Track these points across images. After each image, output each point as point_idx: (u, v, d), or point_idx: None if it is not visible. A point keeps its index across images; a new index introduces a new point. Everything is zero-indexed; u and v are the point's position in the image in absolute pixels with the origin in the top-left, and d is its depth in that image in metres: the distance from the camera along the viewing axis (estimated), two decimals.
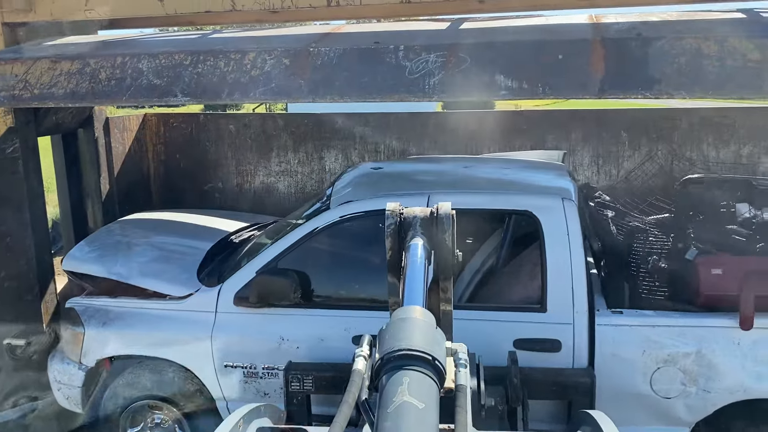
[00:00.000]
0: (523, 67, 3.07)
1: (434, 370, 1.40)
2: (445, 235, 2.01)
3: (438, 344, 1.48)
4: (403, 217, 2.08)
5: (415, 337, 1.45)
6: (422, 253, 1.96)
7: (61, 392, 4.17)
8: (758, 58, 2.87)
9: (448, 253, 2.04)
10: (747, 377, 3.19)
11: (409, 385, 1.32)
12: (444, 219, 2.03)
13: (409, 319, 1.52)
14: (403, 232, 2.06)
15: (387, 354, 1.41)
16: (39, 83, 3.66)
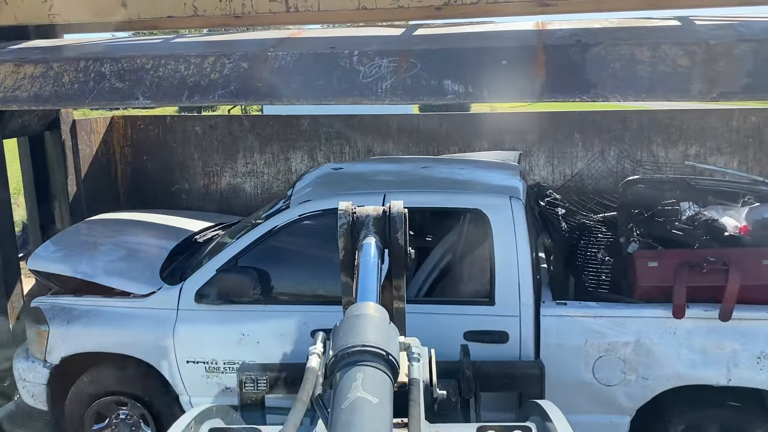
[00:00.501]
0: (469, 73, 3.24)
1: (388, 365, 1.40)
2: (397, 234, 2.01)
3: (391, 339, 1.49)
4: (356, 216, 2.08)
5: (369, 332, 1.45)
6: (375, 252, 1.95)
7: (26, 390, 4.23)
8: (687, 64, 3.06)
9: (401, 251, 2.05)
10: (682, 365, 3.38)
11: (362, 380, 1.32)
12: (396, 218, 2.03)
13: (362, 316, 1.52)
14: (356, 232, 2.05)
15: (341, 351, 1.41)
16: (2, 86, 3.74)
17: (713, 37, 3.17)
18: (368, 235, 2.02)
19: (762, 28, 3.24)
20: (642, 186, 4.52)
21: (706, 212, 3.97)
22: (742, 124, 4.98)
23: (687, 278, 3.33)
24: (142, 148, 5.95)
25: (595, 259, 3.96)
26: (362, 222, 2.07)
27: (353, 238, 2.06)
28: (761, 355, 3.30)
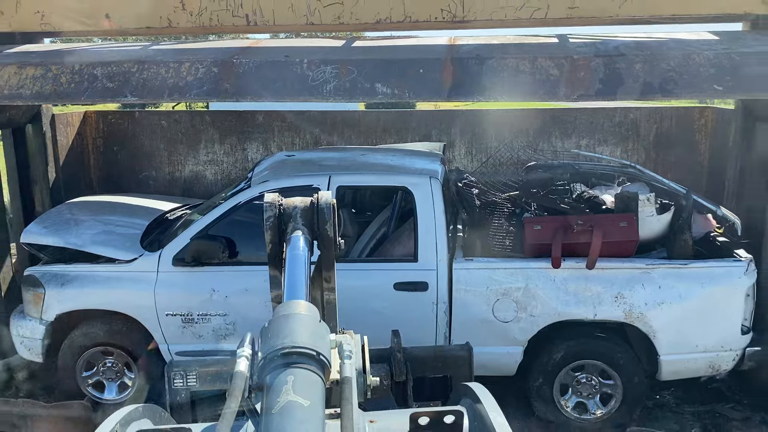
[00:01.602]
0: (395, 78, 4.15)
1: (319, 365, 1.39)
2: (326, 225, 1.99)
3: (322, 338, 1.47)
4: (283, 208, 2.03)
5: (298, 333, 1.43)
6: (304, 245, 1.94)
7: (24, 345, 4.93)
8: (557, 73, 4.06)
9: (330, 242, 2.03)
10: (560, 304, 4.38)
11: (293, 383, 1.31)
12: (325, 209, 2.00)
13: (291, 315, 1.49)
14: (284, 224, 2.02)
15: (270, 353, 1.38)
16: (8, 85, 4.45)
17: (577, 53, 4.18)
18: (296, 228, 1.98)
19: (614, 46, 4.26)
20: (540, 170, 5.56)
21: (591, 191, 5.02)
22: (623, 120, 6.07)
23: (562, 237, 4.33)
24: (112, 140, 6.63)
25: (500, 227, 4.93)
26: (289, 214, 2.02)
27: (280, 230, 2.01)
28: (618, 295, 4.32)
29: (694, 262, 4.33)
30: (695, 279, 4.31)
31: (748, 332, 4.41)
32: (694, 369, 4.48)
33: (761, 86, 4.00)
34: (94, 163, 6.63)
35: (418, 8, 4.55)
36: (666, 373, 4.44)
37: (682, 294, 4.30)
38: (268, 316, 3.99)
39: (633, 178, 5.07)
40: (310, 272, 1.89)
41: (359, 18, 4.71)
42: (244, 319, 4.57)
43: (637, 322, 4.33)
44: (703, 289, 4.31)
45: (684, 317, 4.32)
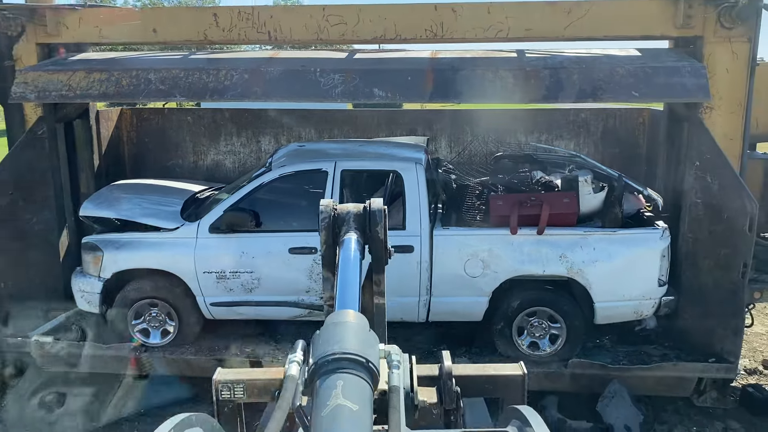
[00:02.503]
0: (388, 84, 5.32)
1: (368, 372, 1.41)
2: (377, 229, 2.07)
3: (371, 347, 1.49)
4: (337, 213, 2.10)
5: (349, 340, 1.46)
6: (356, 247, 1.99)
7: (84, 299, 6.04)
8: (513, 82, 5.26)
9: (381, 246, 2.10)
10: (516, 263, 5.56)
11: (343, 387, 1.33)
12: (376, 214, 2.07)
13: (342, 323, 1.53)
14: (337, 227, 2.09)
15: (321, 358, 1.41)
16: (79, 87, 5.57)
17: (530, 66, 5.38)
18: (349, 231, 2.05)
19: (558, 61, 5.47)
20: (505, 159, 6.77)
21: (547, 176, 6.21)
22: (576, 118, 7.26)
23: (519, 210, 5.53)
24: (144, 133, 7.73)
25: (471, 204, 6.11)
26: (343, 218, 2.10)
27: (334, 233, 2.09)
28: (562, 256, 5.51)
29: (621, 230, 5.55)
30: (622, 243, 5.53)
31: (664, 285, 5.63)
32: (622, 314, 5.70)
33: (665, 93, 5.24)
34: (129, 152, 7.73)
35: (406, 28, 5.70)
36: (600, 317, 5.64)
37: (612, 254, 5.51)
38: (285, 273, 5.26)
39: (580, 165, 6.24)
40: (362, 276, 1.96)
41: (359, 35, 5.85)
42: (267, 275, 5.72)
43: (577, 277, 5.53)
44: (628, 250, 5.53)
45: (613, 273, 5.52)
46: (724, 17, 5.39)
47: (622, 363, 5.70)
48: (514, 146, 7.14)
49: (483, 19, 5.61)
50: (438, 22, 5.67)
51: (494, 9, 5.59)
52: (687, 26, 5.49)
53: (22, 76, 5.71)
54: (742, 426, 5.61)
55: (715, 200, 5.47)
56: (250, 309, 5.87)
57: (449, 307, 5.77)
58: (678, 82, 5.22)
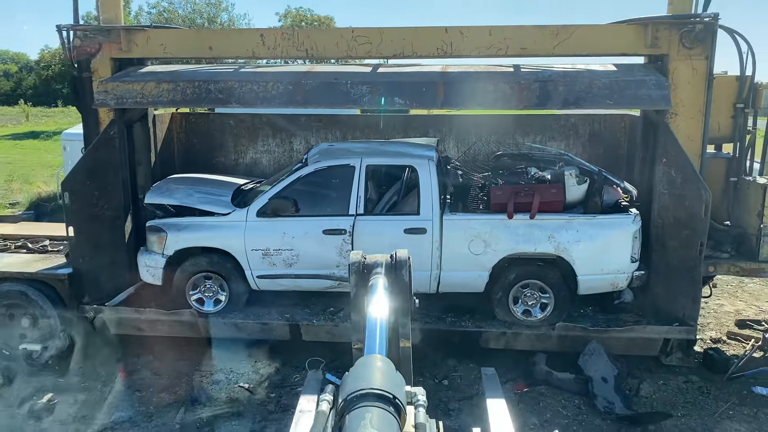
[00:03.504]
0: (407, 94, 6.48)
1: (395, 408, 1.47)
2: (402, 277, 2.14)
3: (398, 386, 1.56)
4: (366, 262, 2.16)
5: (376, 379, 1.54)
6: (383, 292, 2.04)
7: (149, 272, 7.19)
8: (509, 91, 6.40)
9: (406, 292, 2.16)
10: (512, 243, 6.67)
11: (371, 419, 1.40)
12: (401, 263, 2.14)
13: (369, 365, 1.62)
14: (367, 272, 2.16)
15: (350, 394, 1.48)
16: (150, 95, 6.75)
17: (523, 79, 6.52)
18: (377, 277, 2.10)
19: (548, 75, 6.60)
20: (505, 157, 7.91)
21: (540, 172, 7.33)
22: (566, 123, 8.37)
23: (514, 198, 6.65)
24: (192, 134, 8.89)
25: (475, 194, 7.23)
26: (371, 266, 2.16)
27: (363, 278, 2.14)
28: (550, 236, 6.61)
29: (600, 216, 6.66)
30: (601, 226, 6.64)
31: (636, 262, 6.74)
32: (601, 285, 6.80)
33: (635, 102, 6.39)
34: (178, 151, 8.90)
35: (421, 47, 6.83)
36: (582, 288, 6.74)
37: (592, 236, 6.61)
38: (319, 250, 6.48)
39: (567, 162, 7.36)
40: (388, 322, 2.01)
41: (382, 52, 7.00)
42: (304, 252, 6.84)
43: (563, 254, 6.63)
44: (605, 232, 6.63)
45: (593, 251, 6.62)
46: (685, 39, 6.50)
47: (601, 326, 6.79)
48: (513, 146, 8.29)
49: (485, 39, 6.74)
50: (448, 42, 6.81)
51: (495, 31, 6.72)
52: (655, 46, 6.60)
53: (102, 86, 6.90)
54: (700, 379, 6.71)
55: (679, 191, 6.58)
56: (290, 281, 7.00)
57: (456, 281, 6.89)
58: (645, 93, 6.35)
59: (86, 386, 6.71)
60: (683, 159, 6.52)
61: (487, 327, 6.85)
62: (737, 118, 6.99)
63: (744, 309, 8.78)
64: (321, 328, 6.96)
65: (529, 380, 6.65)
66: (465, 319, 7.01)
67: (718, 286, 9.18)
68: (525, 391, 6.52)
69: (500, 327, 6.85)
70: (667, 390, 6.52)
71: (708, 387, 6.56)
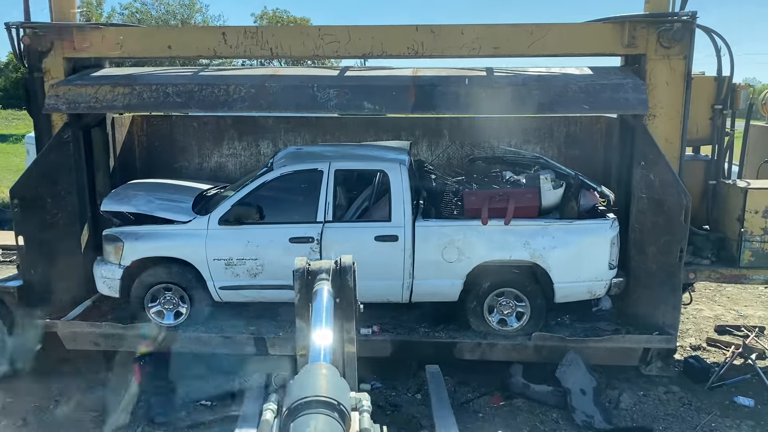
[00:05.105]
0: (376, 97, 6.18)
1: (340, 414, 1.46)
2: (347, 283, 2.15)
3: (342, 392, 1.56)
4: (310, 268, 2.19)
5: (320, 385, 1.53)
6: (328, 298, 2.06)
7: (105, 284, 6.80)
8: (483, 95, 6.14)
9: (351, 298, 2.18)
10: (487, 250, 6.40)
11: (316, 426, 1.38)
12: (346, 269, 2.17)
13: (314, 372, 1.60)
14: (311, 279, 2.16)
15: (295, 402, 1.46)
16: (105, 99, 6.37)
17: (497, 83, 6.27)
18: (322, 284, 2.12)
19: (522, 79, 6.36)
20: (479, 161, 7.66)
21: (516, 176, 7.08)
22: (541, 125, 8.12)
23: (489, 204, 6.39)
24: (154, 137, 8.50)
25: (449, 199, 6.94)
26: (316, 272, 2.18)
27: (308, 285, 2.15)
28: (525, 243, 6.37)
29: (576, 221, 6.43)
30: (577, 232, 6.40)
31: (614, 268, 6.51)
32: (578, 293, 6.57)
33: (611, 106, 6.18)
34: (140, 155, 8.50)
35: (391, 46, 6.54)
36: (559, 296, 6.50)
37: (568, 242, 6.37)
38: (285, 260, 6.16)
39: (543, 166, 7.13)
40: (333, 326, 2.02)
41: (350, 52, 6.70)
42: (270, 261, 6.50)
43: (539, 261, 6.38)
44: (582, 238, 6.40)
45: (570, 258, 6.38)
46: (663, 38, 6.30)
47: (578, 336, 6.56)
48: (487, 149, 8.04)
49: (457, 39, 6.48)
50: (419, 41, 6.54)
51: (467, 30, 6.46)
52: (632, 45, 6.39)
53: (53, 90, 6.51)
54: (681, 390, 6.50)
55: (657, 195, 6.37)
56: (254, 292, 6.66)
57: (429, 289, 6.61)
58: (622, 97, 6.14)
59: (38, 406, 6.31)
60: (662, 162, 6.31)
61: (462, 338, 6.58)
62: (715, 120, 6.81)
63: (723, 314, 8.63)
64: (288, 342, 6.62)
65: (506, 393, 6.39)
66: (439, 330, 6.73)
67: (696, 291, 9.01)
68: (501, 404, 6.26)
69: (475, 337, 6.58)
70: (647, 402, 6.30)
71: (689, 398, 6.35)
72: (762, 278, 6.57)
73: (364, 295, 6.54)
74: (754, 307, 8.89)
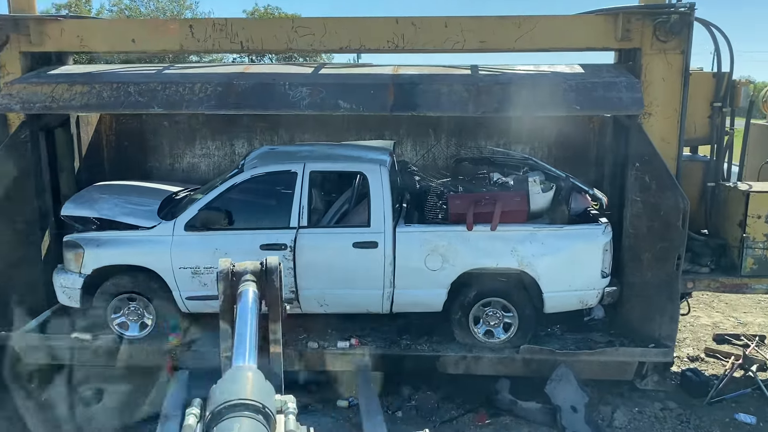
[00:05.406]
0: (353, 96, 5.76)
1: (264, 417, 1.44)
2: (273, 284, 2.14)
3: (267, 395, 1.54)
4: (235, 270, 2.16)
5: (245, 389, 1.50)
6: (253, 298, 2.04)
7: (65, 294, 6.34)
8: (466, 95, 5.73)
9: (277, 299, 2.17)
10: (472, 257, 6.00)
11: (240, 430, 1.36)
12: (272, 270, 2.15)
13: (238, 375, 1.58)
14: (236, 280, 2.14)
15: (218, 406, 1.44)
16: (62, 98, 5.93)
17: (482, 81, 5.86)
18: (247, 285, 2.10)
19: (508, 77, 5.95)
20: (465, 162, 7.24)
21: (504, 177, 6.67)
22: (532, 124, 7.73)
23: (474, 208, 5.98)
24: (123, 136, 8.04)
25: (433, 203, 6.52)
26: (241, 273, 2.16)
27: (232, 286, 2.13)
28: (513, 249, 5.96)
29: (567, 226, 6.04)
30: (567, 238, 6.01)
31: (606, 277, 6.11)
32: (569, 303, 6.17)
33: (604, 106, 5.79)
34: (108, 155, 8.04)
35: (369, 39, 6.12)
36: (548, 306, 6.10)
37: (558, 249, 5.97)
38: None
39: (533, 167, 6.73)
40: (258, 327, 1.99)
41: (326, 45, 6.28)
42: None
43: (527, 269, 5.98)
44: (573, 245, 6.01)
45: (560, 265, 5.98)
46: (660, 31, 5.91)
47: (569, 349, 6.16)
48: (474, 150, 7.62)
49: (440, 32, 6.07)
50: (399, 34, 6.11)
51: (451, 23, 6.05)
52: (626, 39, 5.99)
53: (7, 89, 6.07)
54: (678, 406, 6.11)
55: (653, 198, 5.97)
56: None
57: (411, 299, 6.20)
58: (615, 96, 5.75)
59: None
60: (658, 163, 5.92)
61: (445, 350, 6.17)
62: (714, 118, 6.42)
63: (721, 321, 8.25)
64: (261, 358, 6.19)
65: (492, 410, 5.98)
66: (421, 342, 6.32)
67: (693, 296, 8.61)
68: (487, 422, 5.85)
69: (459, 350, 6.17)
70: (642, 419, 5.90)
71: (687, 415, 5.96)
72: (765, 287, 6.18)
73: (342, 306, 6.36)
74: (754, 314, 8.52)
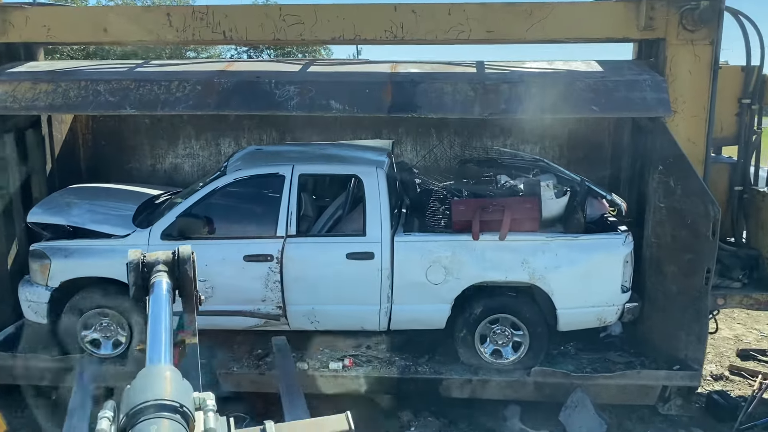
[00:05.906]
0: (345, 96, 5.18)
1: (183, 417, 1.41)
2: (186, 274, 2.11)
3: (185, 393, 1.50)
4: (146, 260, 2.14)
5: (161, 388, 1.46)
6: (166, 289, 2.01)
7: (31, 308, 5.77)
8: (472, 95, 5.15)
9: (190, 290, 2.14)
10: (479, 269, 5.43)
11: (158, 431, 1.32)
12: (185, 260, 2.11)
13: (152, 374, 1.53)
14: (147, 271, 2.12)
15: (133, 408, 1.39)
16: (24, 98, 5.35)
17: (489, 80, 5.28)
18: (159, 276, 2.08)
19: (518, 75, 5.38)
20: (470, 163, 6.66)
21: (512, 180, 6.10)
22: (541, 123, 7.15)
23: (480, 215, 5.40)
24: (100, 135, 7.47)
25: (435, 209, 5.95)
26: (152, 264, 2.13)
27: (144, 276, 2.11)
28: (524, 262, 5.39)
29: (583, 236, 5.46)
30: (584, 248, 5.43)
31: (627, 291, 5.54)
32: (585, 321, 5.60)
33: (626, 107, 5.20)
34: (84, 155, 7.46)
35: (365, 29, 5.55)
36: (563, 324, 5.53)
37: (574, 260, 5.40)
38: (241, 282, 5.04)
39: (544, 169, 6.15)
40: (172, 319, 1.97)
41: (318, 36, 5.69)
42: (221, 284, 5.47)
43: (539, 283, 5.41)
44: (590, 256, 5.43)
45: (576, 279, 5.41)
46: (687, 19, 5.34)
47: (585, 371, 5.60)
48: (480, 150, 7.03)
49: (443, 20, 5.50)
50: (398, 22, 5.54)
51: (455, 10, 5.47)
52: (649, 28, 5.42)
53: None
54: None
55: (679, 205, 5.40)
56: (204, 319, 5.59)
57: (411, 316, 5.63)
58: (638, 97, 5.19)
59: None
60: (684, 166, 5.34)
61: (449, 372, 5.59)
62: (742, 116, 5.84)
63: (744, 334, 7.68)
64: (244, 377, 5.62)
65: None
66: (422, 363, 5.74)
67: None
68: None
69: (464, 373, 5.58)
70: None
71: None
72: None
73: (335, 323, 5.77)
74: None
